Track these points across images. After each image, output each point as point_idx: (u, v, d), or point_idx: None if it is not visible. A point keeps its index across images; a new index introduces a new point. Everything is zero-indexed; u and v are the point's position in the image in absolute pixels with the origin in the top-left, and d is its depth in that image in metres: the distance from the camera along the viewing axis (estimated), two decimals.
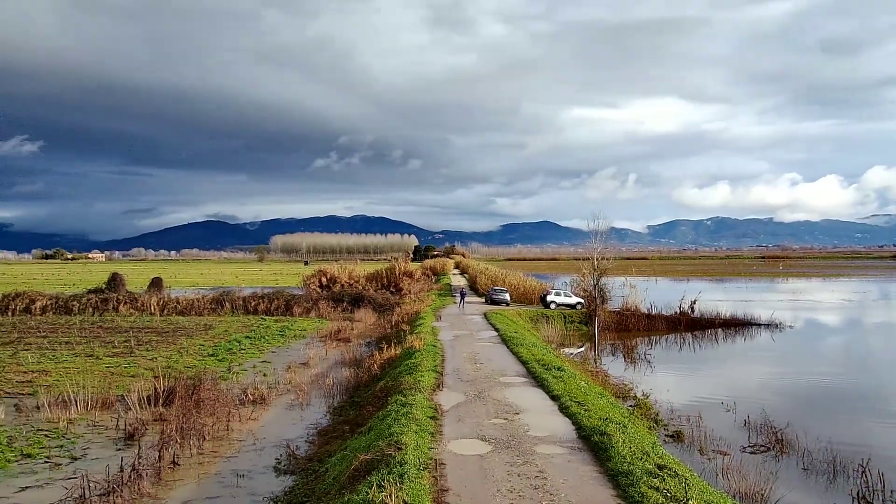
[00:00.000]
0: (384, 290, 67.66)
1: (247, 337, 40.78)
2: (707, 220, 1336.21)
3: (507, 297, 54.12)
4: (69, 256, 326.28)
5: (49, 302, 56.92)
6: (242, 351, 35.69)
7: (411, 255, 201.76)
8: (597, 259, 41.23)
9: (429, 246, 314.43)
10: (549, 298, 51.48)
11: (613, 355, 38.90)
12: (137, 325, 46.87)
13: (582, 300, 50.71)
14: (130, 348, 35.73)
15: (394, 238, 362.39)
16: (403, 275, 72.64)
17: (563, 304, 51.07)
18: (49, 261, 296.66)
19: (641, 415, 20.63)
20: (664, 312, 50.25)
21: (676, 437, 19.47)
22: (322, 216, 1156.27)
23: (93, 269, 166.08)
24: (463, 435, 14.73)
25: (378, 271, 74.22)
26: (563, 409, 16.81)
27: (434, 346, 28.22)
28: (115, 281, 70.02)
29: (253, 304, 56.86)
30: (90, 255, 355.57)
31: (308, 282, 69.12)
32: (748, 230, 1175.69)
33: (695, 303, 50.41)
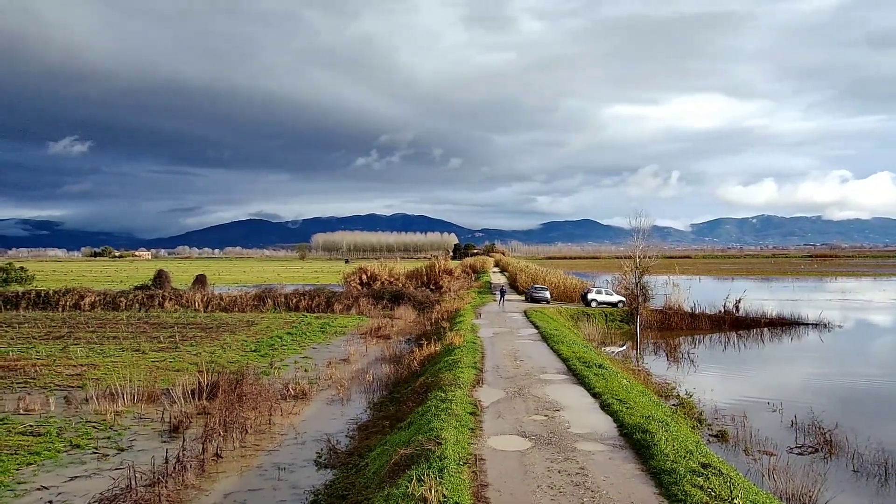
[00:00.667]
0: (424, 288, 67.80)
1: (288, 333, 41.23)
2: (752, 218, 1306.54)
3: (548, 294, 53.74)
4: (117, 254, 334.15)
5: (97, 298, 58.33)
6: (284, 347, 36.11)
7: (451, 254, 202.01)
8: (639, 257, 40.63)
9: (468, 244, 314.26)
10: (589, 296, 50.96)
11: (656, 354, 38.36)
12: (182, 321, 47.73)
13: (623, 298, 50.06)
14: (175, 343, 36.41)
15: (433, 236, 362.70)
16: (443, 272, 72.65)
17: (604, 303, 50.51)
18: (97, 258, 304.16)
19: (684, 414, 20.29)
20: (708, 311, 49.36)
21: (720, 436, 19.08)
22: (362, 214, 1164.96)
23: (139, 267, 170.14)
24: (503, 431, 14.63)
25: (418, 269, 74.33)
26: (605, 407, 16.58)
27: (474, 343, 28.09)
28: (160, 278, 71.53)
29: (294, 300, 57.47)
30: (137, 253, 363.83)
31: (348, 279, 69.63)
32: (795, 228, 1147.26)
33: (740, 301, 49.44)
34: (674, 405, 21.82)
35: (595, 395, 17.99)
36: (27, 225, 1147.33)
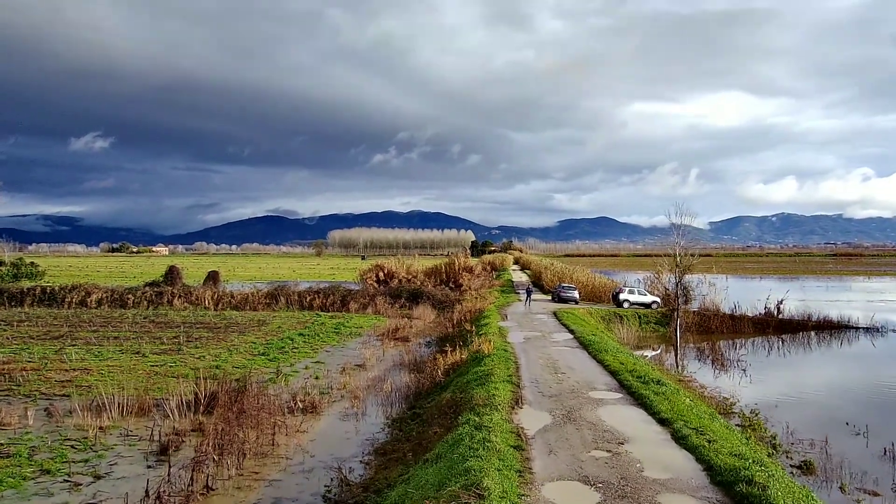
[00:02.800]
0: (443, 286, 64.99)
1: (300, 334, 38.62)
2: (772, 216, 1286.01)
3: (577, 294, 50.41)
4: (134, 250, 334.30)
5: (104, 295, 56.14)
6: (295, 350, 33.44)
7: (468, 251, 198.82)
8: (680, 255, 37.46)
9: (486, 241, 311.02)
10: (622, 297, 47.58)
11: (698, 360, 35.18)
12: (190, 320, 45.35)
13: (658, 299, 46.84)
14: (179, 345, 33.90)
15: (450, 233, 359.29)
16: (463, 270, 69.75)
17: (637, 303, 47.18)
18: (115, 254, 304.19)
19: (755, 438, 17.26)
20: (748, 313, 45.97)
21: (805, 468, 15.98)
22: (379, 211, 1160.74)
23: (155, 263, 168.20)
24: (560, 475, 11.48)
25: (437, 266, 71.47)
26: (680, 439, 13.38)
27: (505, 350, 25.00)
28: (171, 274, 69.31)
29: (308, 299, 54.92)
30: (154, 249, 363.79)
31: (365, 277, 66.93)
32: (816, 227, 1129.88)
33: (782, 303, 46.07)
34: (738, 425, 18.77)
35: (662, 422, 14.80)
36: (48, 221, 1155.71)
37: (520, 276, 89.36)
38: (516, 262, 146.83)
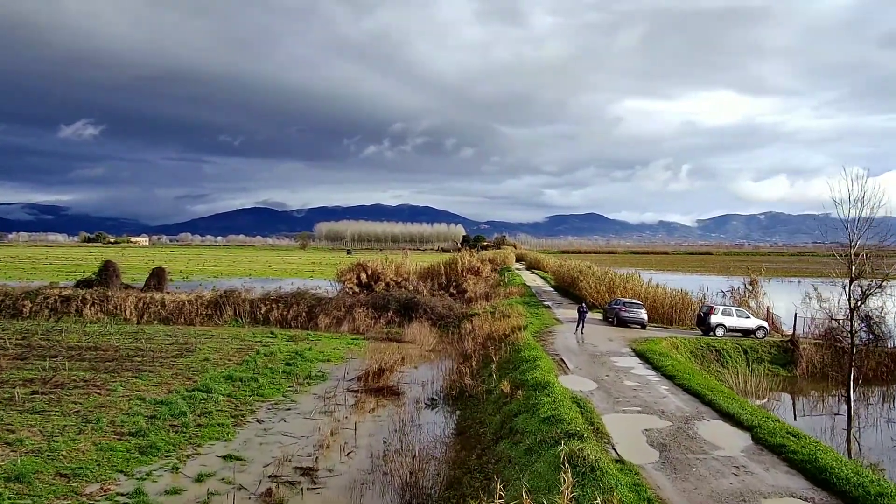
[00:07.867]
0: (442, 292, 50.66)
1: (228, 377, 24.48)
2: (760, 214, 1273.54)
3: (644, 316, 35.32)
4: (111, 240, 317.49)
5: None
6: (204, 419, 19.23)
7: (459, 246, 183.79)
8: (859, 257, 23.29)
9: (478, 236, 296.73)
10: (713, 319, 31.68)
11: (865, 425, 21.05)
12: (84, 343, 31.30)
13: (765, 323, 32.31)
14: (5, 404, 19.71)
15: (441, 227, 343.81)
16: (467, 272, 55.14)
17: (735, 329, 32.41)
18: (90, 244, 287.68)
19: None
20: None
21: None
22: (367, 204, 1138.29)
23: (130, 254, 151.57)
24: None
25: (434, 267, 56.43)
26: None
27: None
28: (107, 271, 54.36)
29: (263, 309, 40.73)
30: (134, 240, 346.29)
31: (343, 278, 51.97)
32: (802, 226, 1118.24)
33: None
34: None
35: None
36: (33, 209, 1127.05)
37: (532, 279, 74.03)
38: (519, 259, 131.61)
